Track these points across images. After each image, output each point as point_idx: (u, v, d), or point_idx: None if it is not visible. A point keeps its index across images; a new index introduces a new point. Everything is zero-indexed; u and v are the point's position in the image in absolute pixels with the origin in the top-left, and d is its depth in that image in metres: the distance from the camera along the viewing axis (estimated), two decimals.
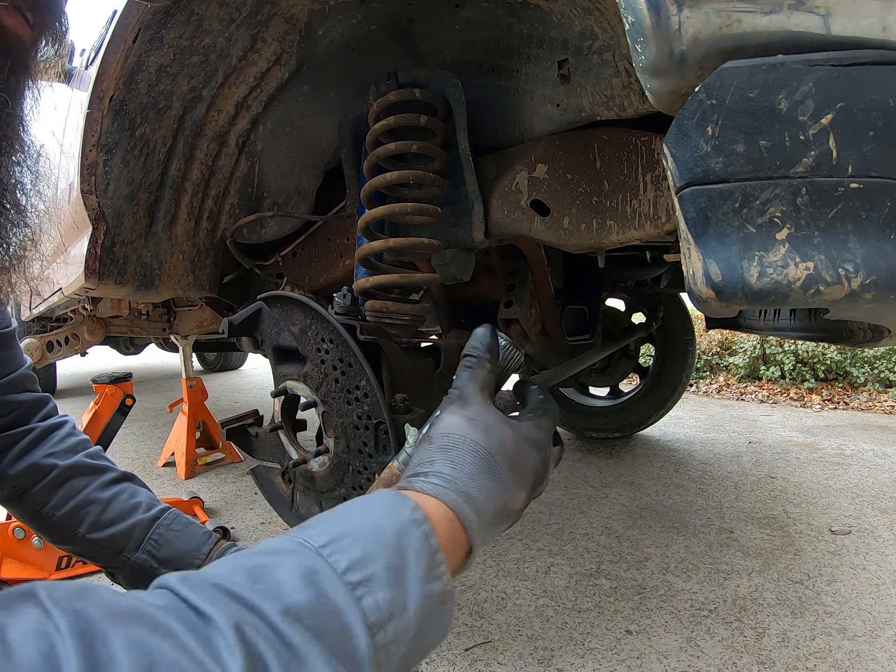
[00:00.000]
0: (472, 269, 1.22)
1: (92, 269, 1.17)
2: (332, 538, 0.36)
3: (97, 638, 0.25)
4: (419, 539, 0.38)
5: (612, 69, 0.86)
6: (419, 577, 0.36)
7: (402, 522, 0.38)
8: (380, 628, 0.33)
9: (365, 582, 0.34)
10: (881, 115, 0.39)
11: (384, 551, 0.36)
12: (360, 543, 0.36)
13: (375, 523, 0.38)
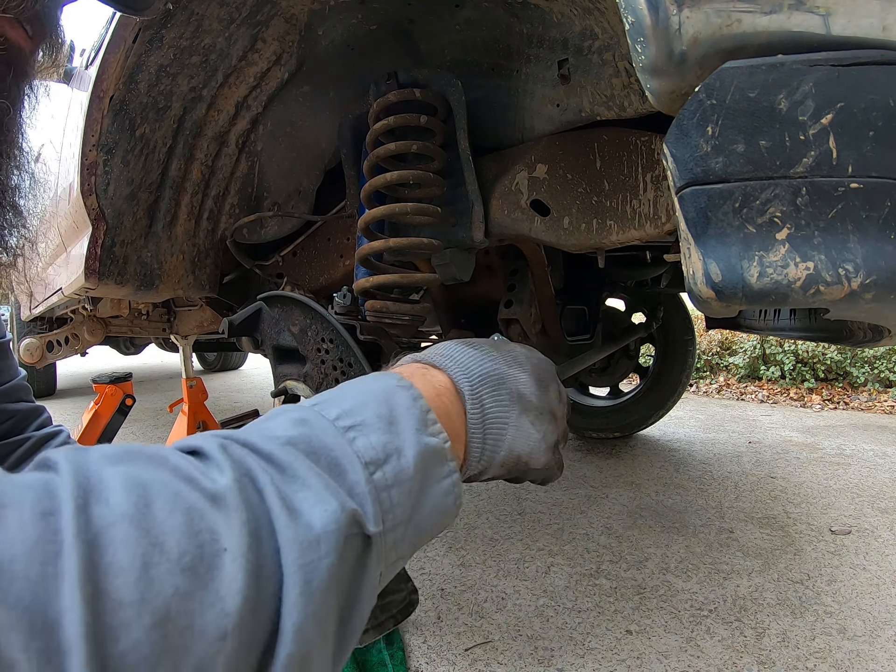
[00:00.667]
0: (472, 269, 1.22)
1: (92, 269, 1.17)
2: (323, 399, 0.37)
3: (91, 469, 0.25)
4: (408, 398, 0.38)
5: (612, 69, 0.86)
6: (413, 427, 0.36)
7: (389, 385, 0.39)
8: (377, 468, 0.33)
9: (356, 426, 0.34)
10: (881, 115, 0.39)
11: (373, 403, 0.36)
12: (349, 399, 0.36)
13: (363, 386, 0.39)
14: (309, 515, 0.28)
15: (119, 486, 0.25)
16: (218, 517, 0.25)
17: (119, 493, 0.24)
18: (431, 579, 1.57)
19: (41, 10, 0.49)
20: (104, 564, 0.22)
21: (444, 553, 1.72)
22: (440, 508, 0.37)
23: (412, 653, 1.25)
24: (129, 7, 0.63)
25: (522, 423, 0.45)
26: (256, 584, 0.25)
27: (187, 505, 0.25)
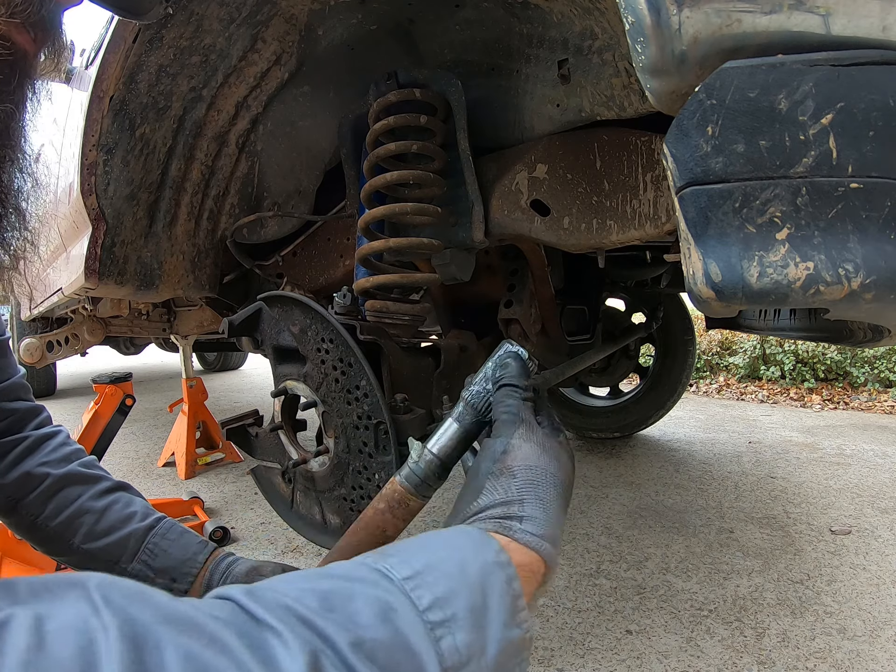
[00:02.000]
0: (472, 269, 1.22)
1: (92, 269, 1.17)
2: (417, 571, 0.34)
3: (148, 643, 0.23)
4: (502, 582, 0.36)
5: (612, 69, 0.86)
6: (501, 621, 0.35)
7: (486, 563, 0.37)
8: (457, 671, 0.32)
9: (446, 622, 0.32)
10: (881, 115, 0.39)
11: (468, 590, 0.34)
12: (443, 580, 0.34)
13: (461, 559, 0.36)
14: None
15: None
16: None
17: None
18: None
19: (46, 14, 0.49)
20: None
21: None
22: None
23: None
24: (128, 11, 0.64)
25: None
26: None
27: None
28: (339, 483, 0.93)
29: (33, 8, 0.47)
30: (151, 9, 0.64)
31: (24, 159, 0.56)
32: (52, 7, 0.50)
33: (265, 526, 1.97)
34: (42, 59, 0.53)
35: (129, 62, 1.01)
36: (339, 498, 0.93)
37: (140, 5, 0.64)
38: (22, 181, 0.56)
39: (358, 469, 0.90)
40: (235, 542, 1.85)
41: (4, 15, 0.45)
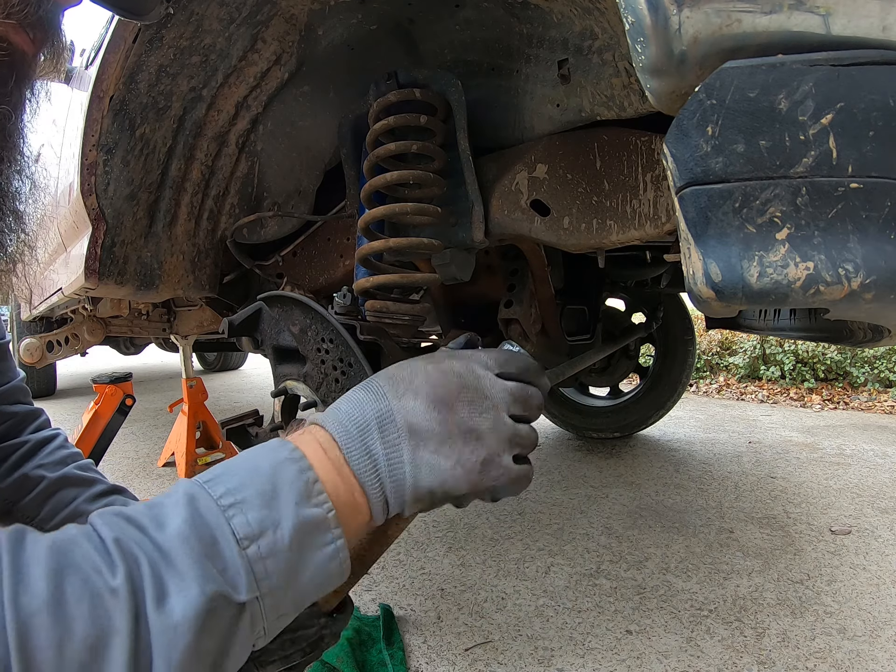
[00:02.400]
0: (472, 269, 1.22)
1: (92, 269, 1.17)
2: (216, 475, 0.41)
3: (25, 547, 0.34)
4: (293, 472, 0.41)
5: (612, 69, 0.86)
6: (292, 501, 0.40)
7: (277, 460, 0.42)
8: (251, 542, 0.38)
9: (237, 504, 0.39)
10: (881, 115, 0.39)
11: (258, 481, 0.40)
12: (235, 477, 0.41)
13: (254, 462, 0.42)
14: (173, 603, 0.34)
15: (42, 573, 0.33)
16: (113, 604, 0.33)
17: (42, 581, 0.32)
18: (431, 579, 1.57)
19: (44, 14, 0.49)
20: (31, 646, 0.30)
21: (444, 553, 1.72)
22: (323, 572, 0.41)
23: (412, 653, 1.25)
24: (129, 12, 0.64)
25: (420, 457, 0.43)
26: (135, 660, 0.33)
27: (91, 592, 0.33)
28: None
29: (31, 8, 0.47)
30: (152, 9, 0.65)
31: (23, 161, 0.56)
32: (50, 7, 0.50)
33: None
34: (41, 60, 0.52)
35: (129, 62, 1.01)
36: None
37: (141, 5, 0.64)
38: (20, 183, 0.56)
39: None
40: None
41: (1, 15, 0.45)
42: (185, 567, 0.35)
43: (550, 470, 2.46)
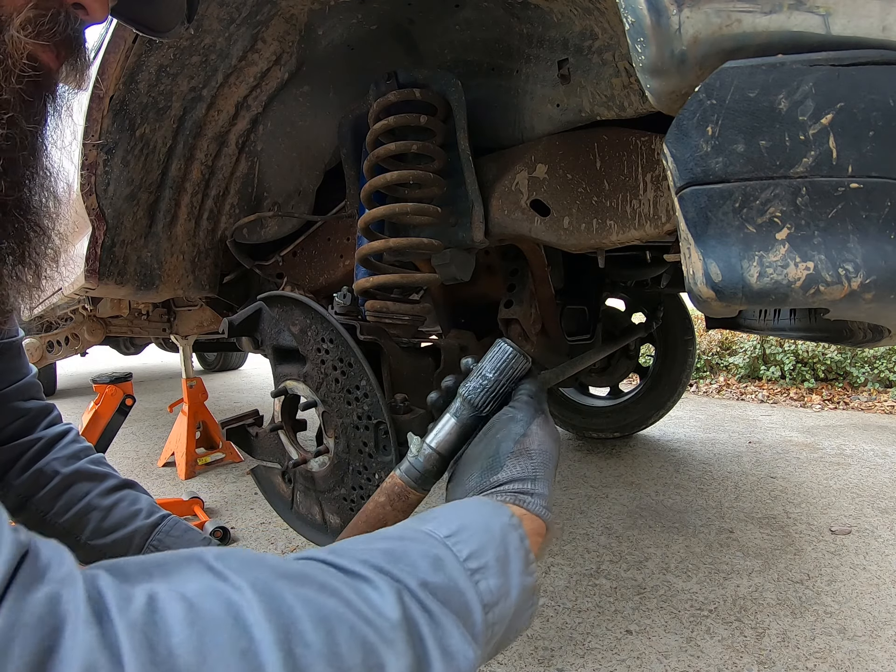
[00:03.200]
0: (472, 269, 1.22)
1: (92, 269, 1.17)
2: (454, 531, 0.42)
3: (276, 595, 0.30)
4: (517, 539, 0.44)
5: (612, 69, 0.86)
6: (519, 570, 0.43)
7: (503, 524, 0.44)
8: (490, 609, 0.40)
9: (481, 569, 0.40)
10: (881, 115, 0.39)
11: (494, 545, 0.42)
12: (475, 537, 0.42)
13: (485, 521, 0.44)
14: (459, 660, 0.35)
15: (308, 620, 0.29)
16: (389, 654, 0.31)
17: (311, 632, 0.29)
18: None
19: (71, 33, 0.49)
20: None
21: None
22: (520, 629, 0.45)
23: None
24: (151, 29, 0.65)
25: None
26: None
27: (363, 640, 0.31)
28: (339, 483, 0.93)
29: (59, 27, 0.47)
30: (173, 27, 0.66)
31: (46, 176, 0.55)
32: (77, 26, 0.50)
33: (265, 526, 1.97)
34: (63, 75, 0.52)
35: (129, 62, 1.01)
36: (339, 498, 0.93)
37: (163, 24, 0.65)
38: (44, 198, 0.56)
39: (358, 469, 0.90)
40: (235, 542, 1.85)
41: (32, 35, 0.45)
42: (455, 630, 0.36)
43: None
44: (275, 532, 1.91)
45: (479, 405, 0.57)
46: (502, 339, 0.59)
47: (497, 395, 0.57)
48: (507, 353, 0.56)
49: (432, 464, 0.58)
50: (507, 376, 0.57)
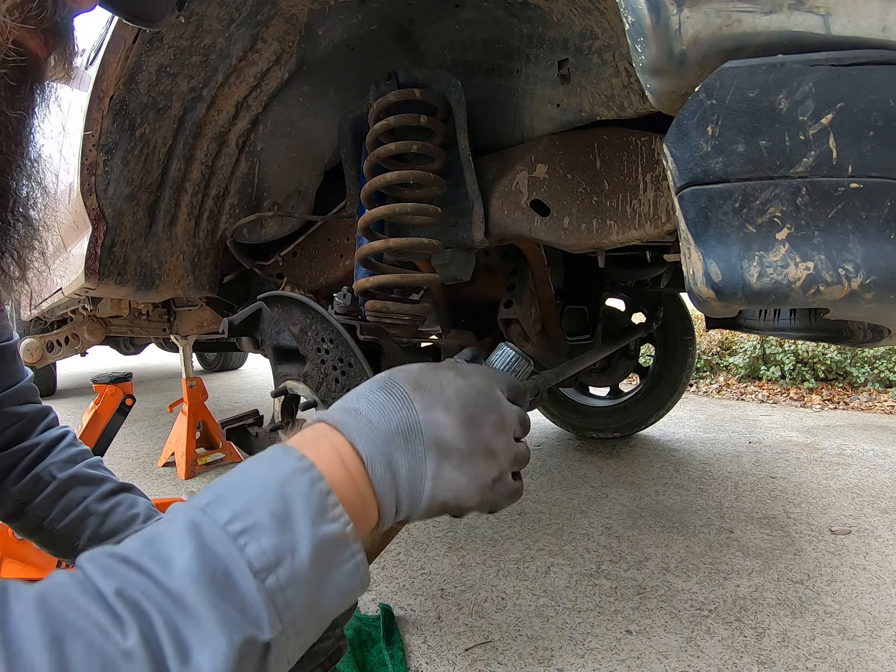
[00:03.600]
0: (472, 269, 1.22)
1: (92, 269, 1.17)
2: (217, 495, 0.37)
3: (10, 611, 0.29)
4: (305, 485, 0.38)
5: (612, 69, 0.86)
6: (308, 519, 0.36)
7: (285, 472, 0.38)
8: (269, 573, 0.34)
9: (248, 530, 0.35)
10: (881, 115, 0.39)
11: (267, 501, 0.36)
12: (240, 497, 0.37)
13: (258, 476, 0.38)
14: (199, 659, 0.30)
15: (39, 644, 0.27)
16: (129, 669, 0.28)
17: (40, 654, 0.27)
18: (431, 579, 1.57)
19: (59, 20, 0.49)
20: None
21: (444, 553, 1.72)
22: (345, 589, 0.38)
23: (412, 653, 1.25)
24: (139, 18, 0.64)
25: (443, 472, 0.43)
26: None
27: (101, 658, 0.28)
28: None
29: (47, 13, 0.47)
30: (162, 16, 0.65)
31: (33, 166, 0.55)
32: (64, 13, 0.50)
33: None
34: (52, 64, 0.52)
35: (129, 62, 1.01)
36: None
37: (151, 12, 0.64)
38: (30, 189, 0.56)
39: None
40: None
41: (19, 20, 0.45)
42: (204, 614, 0.31)
43: (550, 470, 2.46)
44: None
45: None
46: (505, 342, 0.59)
47: None
48: (510, 356, 0.57)
49: None
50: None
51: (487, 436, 0.45)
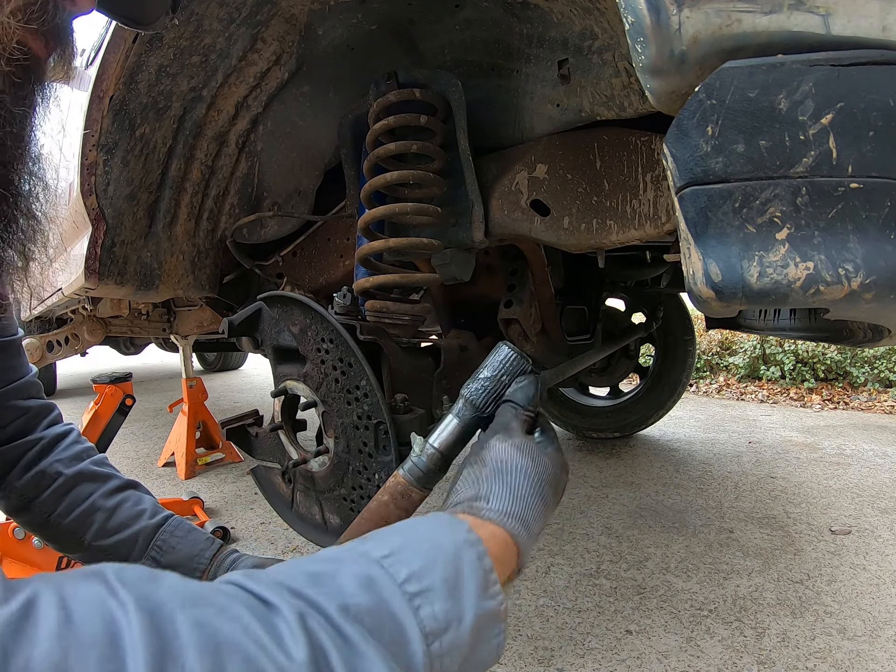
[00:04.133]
0: (472, 269, 1.22)
1: (92, 269, 1.17)
2: (393, 550, 0.37)
3: (164, 616, 0.26)
4: (474, 558, 0.39)
5: (612, 69, 0.86)
6: (475, 592, 0.38)
7: (457, 541, 0.40)
8: (435, 638, 0.35)
9: (423, 592, 0.35)
10: (881, 115, 0.39)
11: (441, 565, 0.37)
12: (418, 556, 0.37)
13: (433, 538, 0.40)
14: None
15: (193, 646, 0.25)
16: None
17: (195, 660, 0.25)
18: None
19: (59, 21, 0.50)
20: None
21: None
22: (485, 662, 0.40)
23: None
24: (134, 21, 0.65)
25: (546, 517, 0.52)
26: None
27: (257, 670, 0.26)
28: (339, 483, 0.93)
29: (48, 15, 0.48)
30: (157, 19, 0.66)
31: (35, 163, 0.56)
32: (64, 15, 0.51)
33: (265, 526, 1.97)
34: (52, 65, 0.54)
35: (129, 62, 1.01)
36: (339, 498, 0.93)
37: (146, 16, 0.65)
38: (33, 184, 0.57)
39: (358, 469, 0.90)
40: (235, 542, 1.85)
41: (22, 21, 0.46)
42: (378, 664, 0.31)
43: None
44: (275, 532, 1.91)
45: (480, 406, 0.58)
46: (503, 342, 0.60)
47: (498, 396, 0.58)
48: (508, 355, 0.58)
49: (435, 463, 0.59)
50: (507, 378, 0.58)
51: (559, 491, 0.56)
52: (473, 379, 0.59)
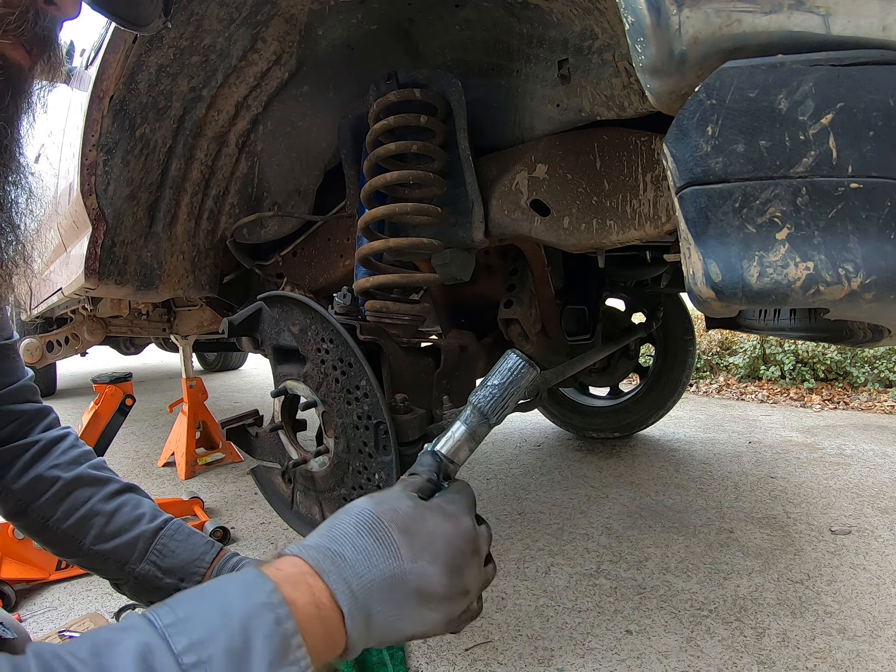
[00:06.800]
0: (472, 269, 1.22)
1: (92, 269, 1.18)
2: (179, 617, 0.36)
3: None
4: (270, 622, 0.37)
5: (612, 69, 0.86)
6: (265, 661, 0.35)
7: (252, 605, 0.37)
8: None
9: (201, 664, 0.34)
10: (881, 115, 0.39)
11: (227, 633, 0.35)
12: (202, 625, 0.36)
13: (225, 605, 0.37)
14: None
15: None
16: None
17: None
18: None
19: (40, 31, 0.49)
20: None
21: None
22: None
23: (412, 653, 1.25)
24: (129, 22, 0.65)
25: (420, 615, 0.44)
26: None
27: None
28: (339, 483, 0.93)
29: (27, 25, 0.47)
30: (151, 21, 0.66)
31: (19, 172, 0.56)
32: (47, 23, 0.50)
33: (265, 526, 1.97)
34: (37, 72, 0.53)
35: (128, 62, 1.01)
36: (339, 498, 0.93)
37: (140, 17, 0.65)
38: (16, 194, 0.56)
39: (358, 469, 0.90)
40: (235, 542, 1.85)
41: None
42: None
43: (550, 470, 2.46)
44: (275, 532, 1.91)
45: (487, 413, 0.58)
46: (512, 349, 0.60)
47: (505, 404, 0.58)
48: (516, 363, 0.58)
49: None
50: (515, 385, 0.58)
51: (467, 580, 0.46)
52: (482, 386, 0.60)
